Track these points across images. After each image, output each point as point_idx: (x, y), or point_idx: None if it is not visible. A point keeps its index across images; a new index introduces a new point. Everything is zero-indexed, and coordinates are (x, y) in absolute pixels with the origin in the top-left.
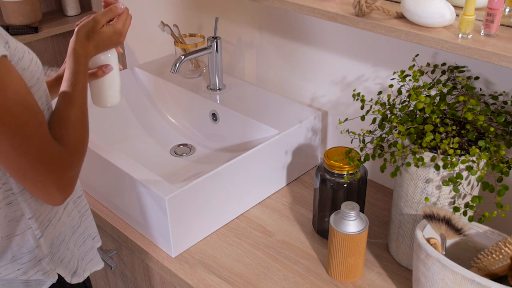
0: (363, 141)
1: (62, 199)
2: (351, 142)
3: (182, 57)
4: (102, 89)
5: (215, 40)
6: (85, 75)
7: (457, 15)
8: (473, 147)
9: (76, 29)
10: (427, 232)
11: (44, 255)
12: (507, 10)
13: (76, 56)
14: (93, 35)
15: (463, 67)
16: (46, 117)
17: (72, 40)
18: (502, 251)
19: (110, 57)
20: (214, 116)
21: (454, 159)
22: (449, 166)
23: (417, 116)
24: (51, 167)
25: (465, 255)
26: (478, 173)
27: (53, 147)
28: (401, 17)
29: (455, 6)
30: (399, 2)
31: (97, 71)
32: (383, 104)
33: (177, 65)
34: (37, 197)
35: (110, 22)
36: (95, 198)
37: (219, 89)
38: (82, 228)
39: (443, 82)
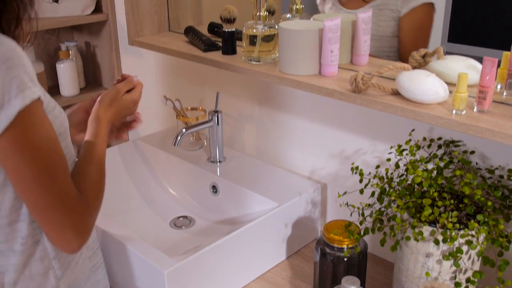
0: (363, 214)
1: (78, 245)
2: (351, 215)
3: (184, 130)
4: None
5: (216, 113)
6: (105, 137)
7: (451, 92)
8: (472, 221)
9: (99, 97)
10: None
11: None
12: (499, 87)
13: (99, 120)
14: (115, 102)
15: (459, 141)
16: (69, 165)
17: (95, 107)
18: None
19: None
20: (214, 188)
21: (453, 234)
22: (448, 240)
23: (415, 190)
24: (71, 209)
25: None
26: (478, 247)
27: (74, 191)
28: (396, 93)
29: (448, 83)
30: (394, 79)
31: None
32: (381, 178)
33: (179, 138)
34: (55, 243)
35: (128, 92)
36: None
37: (219, 161)
38: (96, 279)
39: (439, 156)
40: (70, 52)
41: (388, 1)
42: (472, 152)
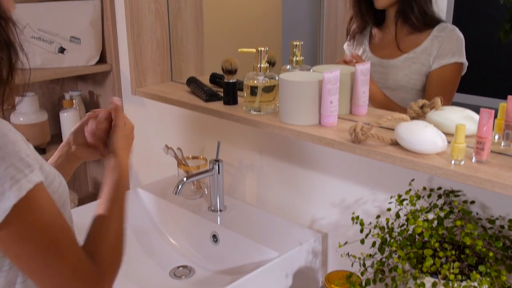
0: (364, 264)
1: None
2: (352, 266)
3: (185, 179)
4: None
5: (217, 162)
6: (127, 188)
7: (449, 142)
8: (474, 272)
9: (113, 146)
10: None
11: None
12: (496, 137)
13: (121, 168)
14: (128, 141)
15: (459, 191)
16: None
17: (113, 155)
18: None
19: None
20: (214, 238)
21: (455, 285)
22: None
23: (416, 240)
24: (84, 283)
25: None
26: None
27: (86, 264)
28: (395, 143)
29: (446, 134)
30: (393, 130)
31: None
32: (382, 228)
33: (180, 187)
34: None
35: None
36: None
37: (220, 210)
38: None
39: (440, 206)
40: (74, 101)
41: (421, 55)
42: (472, 202)
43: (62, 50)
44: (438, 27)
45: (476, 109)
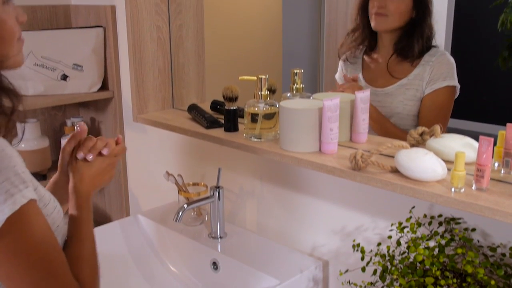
0: None
1: None
2: None
3: (185, 206)
4: None
5: (217, 189)
6: (90, 211)
7: (449, 170)
8: None
9: (72, 169)
10: None
11: None
12: (496, 164)
13: (77, 192)
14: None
15: (459, 218)
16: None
17: (70, 176)
18: None
19: None
20: (215, 265)
21: None
22: None
23: (417, 268)
24: None
25: None
26: None
27: (73, 283)
28: (395, 171)
29: (446, 161)
30: (393, 157)
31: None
32: (383, 256)
33: (180, 214)
34: None
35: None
36: None
37: (220, 237)
38: None
39: (440, 234)
40: (75, 127)
41: (414, 81)
42: (473, 230)
43: (64, 77)
44: (429, 52)
45: (475, 135)
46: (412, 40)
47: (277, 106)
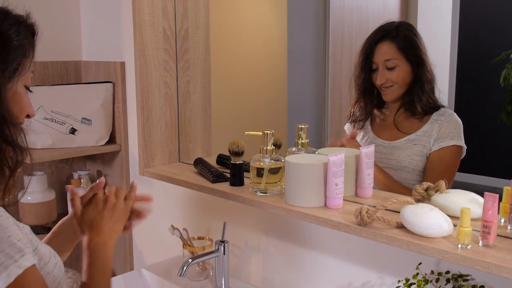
0: None
1: None
2: None
3: (190, 260)
4: None
5: (222, 243)
6: (108, 264)
7: (455, 225)
8: None
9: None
10: None
11: None
12: (502, 220)
13: (91, 248)
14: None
15: (467, 275)
16: None
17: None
18: None
19: None
20: None
21: None
22: None
23: None
24: None
25: None
26: None
27: None
28: (401, 226)
29: (451, 217)
30: (399, 212)
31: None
32: None
33: (184, 268)
34: None
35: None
36: None
37: None
38: None
39: None
40: (82, 180)
41: (422, 138)
42: (482, 287)
43: (73, 131)
44: (438, 111)
45: (481, 188)
46: (413, 96)
47: (283, 160)
